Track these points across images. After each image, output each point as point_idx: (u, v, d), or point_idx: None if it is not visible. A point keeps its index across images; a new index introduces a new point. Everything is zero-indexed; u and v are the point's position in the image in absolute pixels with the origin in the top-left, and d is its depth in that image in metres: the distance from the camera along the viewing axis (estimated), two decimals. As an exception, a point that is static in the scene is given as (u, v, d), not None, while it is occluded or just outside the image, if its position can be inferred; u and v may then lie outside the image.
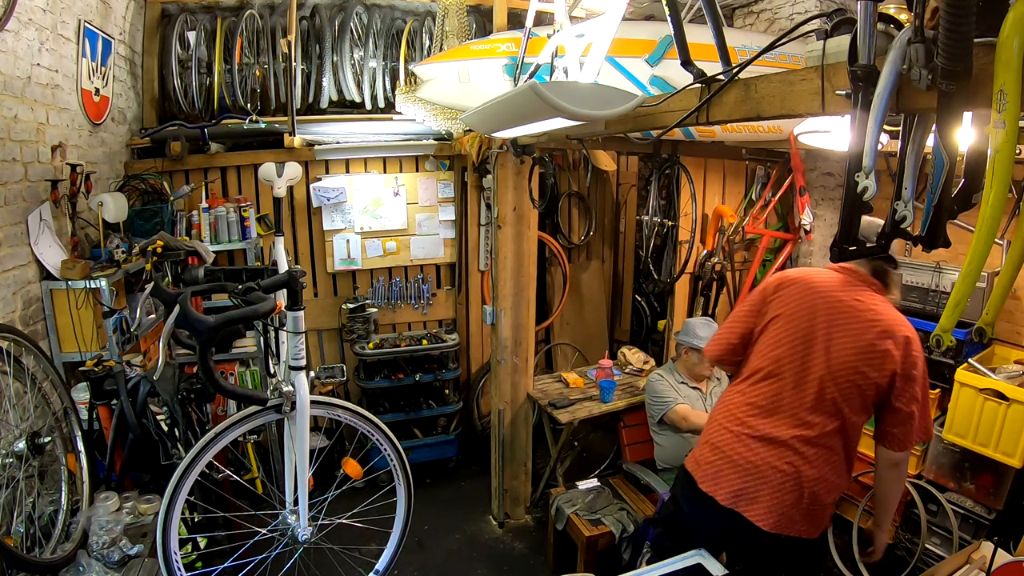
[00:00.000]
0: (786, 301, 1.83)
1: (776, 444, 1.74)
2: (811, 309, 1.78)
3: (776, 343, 1.81)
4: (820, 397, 1.73)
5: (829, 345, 1.73)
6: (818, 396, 1.73)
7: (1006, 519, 2.59)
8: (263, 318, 2.01)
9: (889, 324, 1.74)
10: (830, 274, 1.85)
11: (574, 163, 4.22)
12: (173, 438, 2.30)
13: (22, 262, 2.21)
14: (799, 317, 1.78)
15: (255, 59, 3.57)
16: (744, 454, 1.77)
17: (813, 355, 1.74)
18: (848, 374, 1.72)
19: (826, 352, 1.73)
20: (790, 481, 1.72)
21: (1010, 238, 2.57)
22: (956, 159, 1.31)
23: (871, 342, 1.71)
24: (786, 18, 3.44)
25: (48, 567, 1.75)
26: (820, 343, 1.74)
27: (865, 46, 1.12)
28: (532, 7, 2.53)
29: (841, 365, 1.72)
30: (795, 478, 1.72)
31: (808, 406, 1.73)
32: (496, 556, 3.20)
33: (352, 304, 3.78)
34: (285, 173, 3.17)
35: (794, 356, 1.76)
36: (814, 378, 1.73)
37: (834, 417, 1.73)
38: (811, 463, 1.72)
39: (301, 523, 2.17)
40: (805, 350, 1.75)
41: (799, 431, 1.73)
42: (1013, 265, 1.25)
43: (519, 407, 3.36)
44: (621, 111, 1.70)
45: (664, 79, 2.61)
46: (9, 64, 2.12)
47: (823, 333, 1.74)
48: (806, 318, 1.77)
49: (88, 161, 2.71)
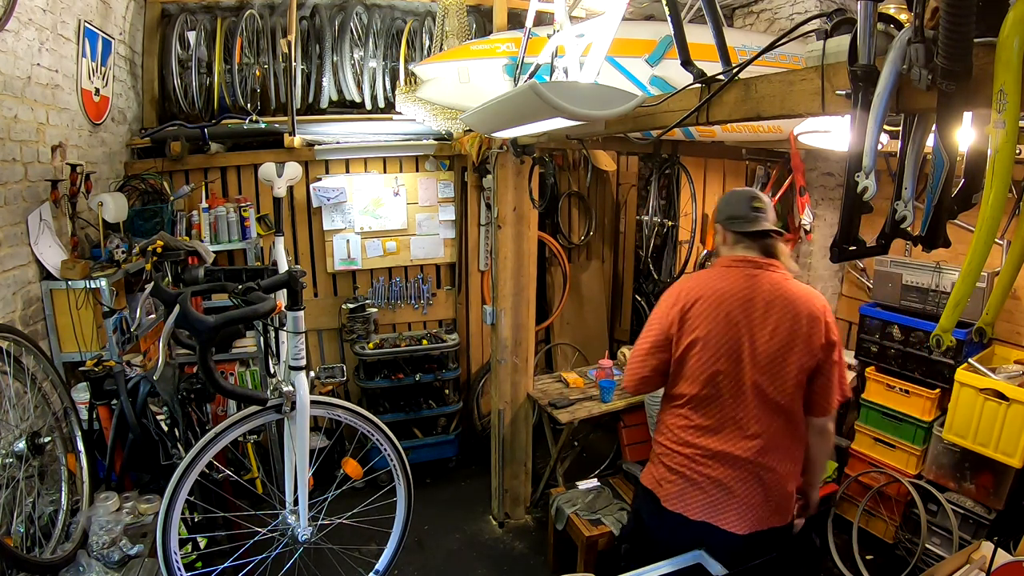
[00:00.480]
0: (699, 321, 1.75)
1: (733, 459, 1.73)
2: (727, 321, 1.73)
3: (704, 365, 1.75)
4: (761, 401, 1.72)
5: (755, 350, 1.71)
6: (759, 401, 1.72)
7: (1006, 519, 2.59)
8: (263, 318, 2.01)
9: (805, 304, 1.73)
10: (729, 274, 1.79)
11: (574, 163, 4.22)
12: (173, 438, 2.30)
13: (22, 262, 2.21)
14: (718, 333, 1.73)
15: (255, 59, 3.57)
16: (704, 472, 1.76)
17: (743, 365, 1.71)
18: (781, 369, 1.71)
19: (753, 357, 1.71)
20: (755, 487, 1.74)
21: (1010, 238, 2.58)
22: (956, 159, 1.31)
23: (794, 331, 1.71)
24: (786, 18, 3.44)
25: (48, 567, 1.75)
26: (746, 351, 1.71)
27: (865, 46, 1.12)
28: (532, 7, 2.53)
29: (772, 364, 1.70)
30: (759, 483, 1.74)
31: (752, 414, 1.72)
32: (496, 556, 3.20)
33: (352, 304, 3.78)
34: (285, 173, 3.17)
35: (727, 372, 1.72)
36: (749, 385, 1.71)
37: (778, 415, 1.73)
38: (770, 468, 1.73)
39: (301, 523, 2.17)
40: (734, 363, 1.72)
41: (751, 442, 1.72)
42: (1013, 265, 1.25)
43: (519, 407, 3.36)
44: (621, 111, 1.70)
45: (664, 79, 2.61)
46: (9, 64, 2.12)
47: (747, 341, 1.71)
48: (725, 331, 1.73)
49: (88, 161, 2.71)
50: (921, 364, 3.01)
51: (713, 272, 1.83)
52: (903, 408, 3.01)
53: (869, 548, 3.09)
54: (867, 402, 3.18)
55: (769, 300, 1.73)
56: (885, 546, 3.07)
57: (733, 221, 1.82)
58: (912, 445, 2.97)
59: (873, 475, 3.09)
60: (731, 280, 1.77)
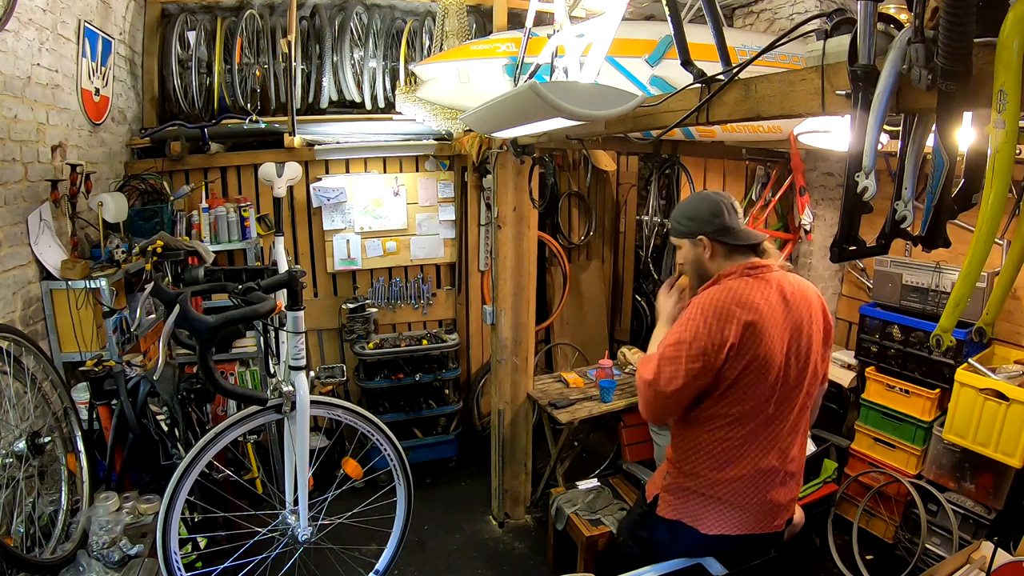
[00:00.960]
0: (757, 339, 1.58)
1: (779, 473, 1.71)
2: (778, 332, 1.61)
3: (762, 382, 1.61)
4: (803, 403, 1.72)
5: (799, 355, 1.65)
6: (801, 404, 1.71)
7: (1006, 519, 2.59)
8: (263, 318, 2.01)
9: (813, 295, 1.72)
10: (759, 285, 1.64)
11: (574, 163, 4.22)
12: (173, 438, 2.30)
13: (22, 262, 2.21)
14: (772, 346, 1.59)
15: (255, 59, 3.57)
16: (756, 496, 1.70)
17: (790, 372, 1.65)
18: (814, 366, 1.71)
19: (798, 363, 1.65)
20: (793, 486, 1.78)
21: (1010, 238, 2.57)
22: (956, 159, 1.31)
23: (818, 326, 1.70)
24: (786, 18, 3.44)
25: (48, 567, 1.75)
26: (793, 357, 1.64)
27: (865, 46, 1.12)
28: (532, 7, 2.53)
29: (809, 364, 1.69)
30: (794, 481, 1.78)
31: (793, 417, 1.70)
32: (496, 556, 3.20)
33: (352, 304, 3.78)
34: (285, 173, 3.17)
35: (782, 382, 1.64)
36: (797, 392, 1.68)
37: (805, 409, 1.74)
38: (798, 459, 1.76)
39: (301, 523, 2.17)
40: (786, 373, 1.64)
41: (790, 449, 1.71)
42: (1013, 265, 1.25)
43: (519, 407, 3.36)
44: (621, 111, 1.70)
45: (664, 79, 2.61)
46: (9, 64, 2.12)
47: (793, 347, 1.64)
48: (778, 343, 1.61)
49: (88, 161, 2.71)
50: (921, 364, 3.01)
51: (744, 283, 1.64)
52: (903, 408, 3.01)
53: (869, 548, 3.09)
54: (867, 402, 3.18)
55: (795, 301, 1.66)
56: (885, 546, 3.07)
57: (727, 233, 1.70)
58: (912, 445, 2.97)
59: (873, 475, 3.09)
60: (764, 290, 1.63)
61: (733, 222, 1.71)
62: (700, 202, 1.76)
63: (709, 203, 1.73)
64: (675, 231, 1.81)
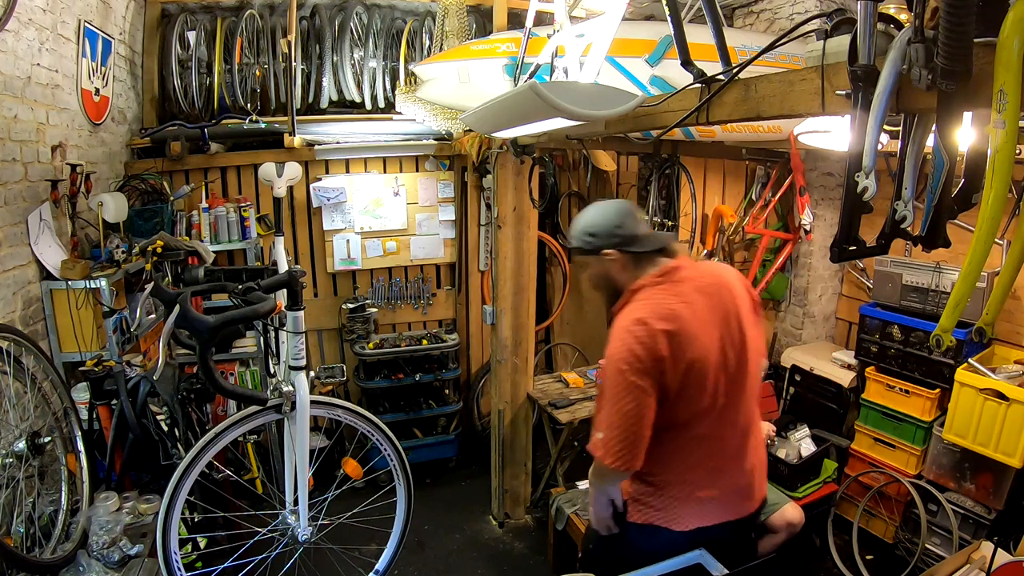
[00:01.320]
0: (688, 344, 1.52)
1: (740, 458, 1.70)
2: (709, 330, 1.58)
3: (705, 382, 1.57)
4: (751, 387, 1.69)
5: (733, 342, 1.62)
6: (750, 387, 1.68)
7: (1006, 519, 2.59)
8: (263, 318, 2.01)
9: (733, 276, 1.70)
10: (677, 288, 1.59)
11: (574, 163, 4.22)
12: (173, 438, 2.30)
13: (22, 262, 2.21)
14: (706, 346, 1.56)
15: (255, 59, 3.57)
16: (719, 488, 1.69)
17: (731, 362, 1.61)
18: (753, 345, 1.67)
19: (736, 350, 1.62)
20: (761, 470, 1.78)
21: (1010, 238, 2.57)
22: (956, 159, 1.31)
23: (743, 306, 1.66)
24: (786, 18, 3.44)
25: (48, 567, 1.75)
26: (729, 347, 1.61)
27: (865, 46, 1.12)
28: (532, 7, 2.53)
29: (744, 348, 1.63)
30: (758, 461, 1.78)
31: (744, 403, 1.67)
32: (496, 556, 3.20)
33: (352, 304, 3.78)
34: (285, 173, 3.17)
35: (726, 376, 1.61)
36: (744, 377, 1.65)
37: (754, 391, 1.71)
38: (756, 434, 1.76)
39: (301, 523, 2.17)
40: (728, 365, 1.61)
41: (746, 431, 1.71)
42: (1013, 265, 1.25)
43: (519, 407, 3.36)
44: (621, 111, 1.70)
45: (664, 79, 2.61)
46: (9, 64, 2.12)
47: (727, 337, 1.61)
48: (711, 342, 1.57)
49: (88, 161, 2.71)
50: (921, 364, 3.00)
51: (658, 293, 1.59)
52: (903, 408, 3.01)
53: (869, 548, 3.09)
54: (867, 402, 3.18)
55: (715, 291, 1.62)
56: (885, 546, 3.07)
57: (633, 242, 1.64)
58: (912, 445, 2.97)
59: (873, 475, 3.09)
60: (680, 294, 1.58)
61: (638, 229, 1.65)
62: (600, 215, 1.68)
63: (608, 214, 1.66)
64: (578, 249, 1.72)
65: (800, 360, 3.61)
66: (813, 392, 3.53)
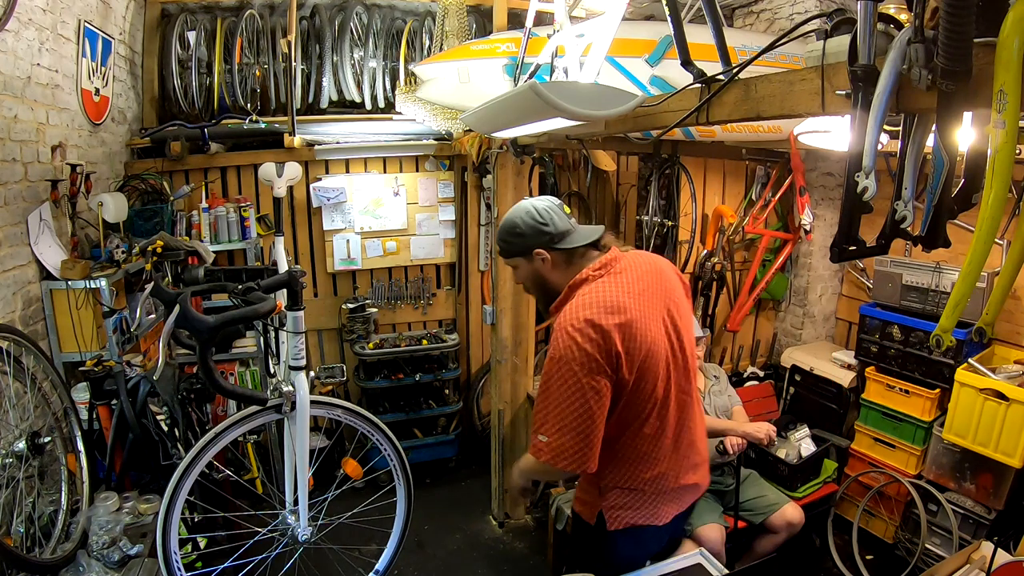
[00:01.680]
0: (635, 340, 1.50)
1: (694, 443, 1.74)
2: (652, 322, 1.55)
3: (656, 376, 1.56)
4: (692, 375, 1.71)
5: (677, 332, 1.62)
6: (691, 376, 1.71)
7: (1006, 519, 2.59)
8: (263, 318, 2.01)
9: (664, 265, 1.71)
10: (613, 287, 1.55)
11: (574, 163, 4.22)
12: (173, 438, 2.30)
13: (22, 262, 2.21)
14: (653, 340, 1.53)
15: (255, 59, 3.57)
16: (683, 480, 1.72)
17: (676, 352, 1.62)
18: (688, 331, 1.68)
19: (679, 340, 1.62)
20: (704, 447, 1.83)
21: (1010, 238, 2.58)
22: (956, 159, 1.31)
23: (678, 292, 1.69)
24: (786, 18, 3.45)
25: (48, 567, 1.75)
26: (673, 338, 1.61)
27: (865, 46, 1.12)
28: (532, 7, 2.53)
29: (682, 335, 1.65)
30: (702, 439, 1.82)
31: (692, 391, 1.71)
32: (496, 556, 3.20)
33: (352, 304, 3.78)
34: (285, 173, 3.17)
35: (671, 367, 1.60)
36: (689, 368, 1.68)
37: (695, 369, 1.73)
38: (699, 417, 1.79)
39: (301, 523, 2.17)
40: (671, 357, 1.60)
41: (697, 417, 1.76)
42: (1013, 265, 1.25)
43: (519, 407, 3.36)
44: (621, 111, 1.70)
45: (664, 79, 2.61)
46: (9, 64, 2.12)
47: (671, 328, 1.61)
48: (657, 335, 1.56)
49: (88, 161, 2.71)
50: (921, 364, 3.01)
51: (601, 286, 1.54)
52: (903, 408, 3.01)
53: (869, 548, 3.09)
54: (867, 402, 3.18)
55: (652, 280, 1.61)
56: (885, 546, 3.07)
57: (563, 238, 1.60)
58: (912, 445, 2.97)
59: (873, 475, 3.09)
60: (623, 284, 1.56)
61: (565, 224, 1.61)
62: (523, 215, 1.62)
63: (531, 213, 1.61)
64: (505, 252, 1.67)
65: (800, 360, 3.61)
66: (813, 392, 3.53)
